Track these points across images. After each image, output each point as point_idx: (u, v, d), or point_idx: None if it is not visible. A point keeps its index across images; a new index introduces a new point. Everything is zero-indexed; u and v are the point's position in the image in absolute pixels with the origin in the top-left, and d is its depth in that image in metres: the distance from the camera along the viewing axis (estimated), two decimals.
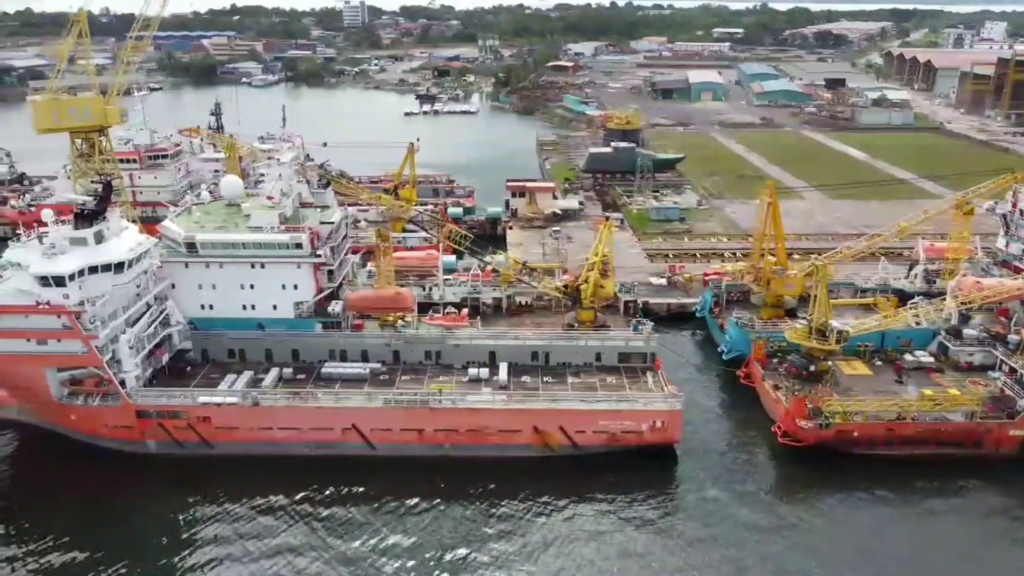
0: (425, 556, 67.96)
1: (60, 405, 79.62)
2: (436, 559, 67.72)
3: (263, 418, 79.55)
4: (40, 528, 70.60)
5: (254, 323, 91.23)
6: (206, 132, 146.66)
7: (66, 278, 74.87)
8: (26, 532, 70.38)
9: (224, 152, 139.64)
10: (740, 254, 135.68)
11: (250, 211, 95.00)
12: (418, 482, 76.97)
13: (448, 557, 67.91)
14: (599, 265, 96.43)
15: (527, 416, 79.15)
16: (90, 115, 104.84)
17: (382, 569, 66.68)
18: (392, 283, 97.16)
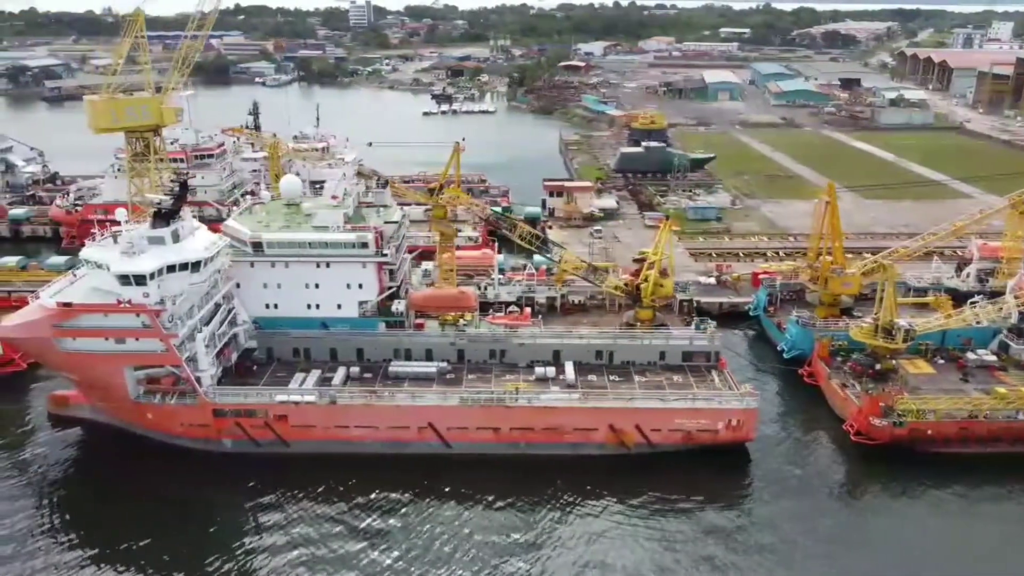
0: (500, 552, 68.24)
1: (137, 404, 79.86)
2: (510, 555, 67.95)
3: (340, 416, 79.80)
4: (117, 527, 70.85)
5: (318, 322, 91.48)
6: (248, 132, 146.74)
7: (147, 277, 75.19)
8: (103, 532, 70.63)
9: (267, 152, 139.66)
10: (783, 253, 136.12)
11: (313, 211, 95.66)
12: (493, 480, 77.31)
13: (522, 554, 68.18)
14: (659, 264, 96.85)
15: (603, 415, 79.47)
16: (147, 115, 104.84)
17: (457, 565, 66.88)
18: (453, 282, 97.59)
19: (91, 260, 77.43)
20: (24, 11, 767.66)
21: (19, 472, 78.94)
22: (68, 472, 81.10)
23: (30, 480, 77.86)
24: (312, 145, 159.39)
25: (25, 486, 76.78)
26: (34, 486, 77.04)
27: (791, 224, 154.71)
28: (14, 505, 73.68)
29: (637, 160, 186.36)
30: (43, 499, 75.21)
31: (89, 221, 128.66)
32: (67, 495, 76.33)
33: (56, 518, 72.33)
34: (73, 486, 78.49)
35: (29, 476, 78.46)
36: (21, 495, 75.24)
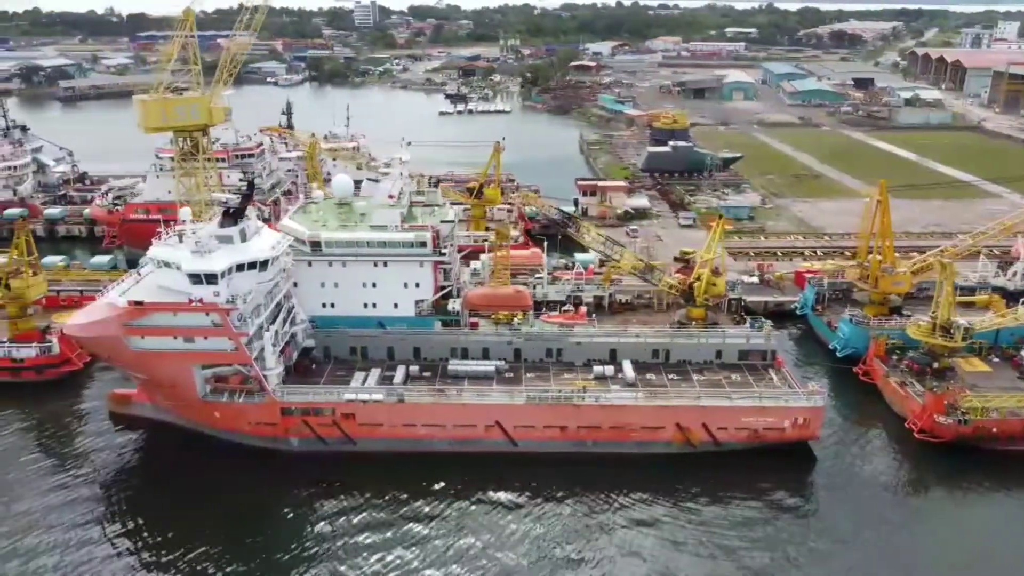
0: (565, 551, 68.35)
1: (204, 402, 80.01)
2: (575, 554, 68.03)
3: (407, 415, 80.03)
4: (182, 527, 70.73)
5: (374, 321, 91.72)
6: (287, 131, 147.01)
7: (218, 276, 75.43)
8: (167, 531, 70.40)
9: (306, 151, 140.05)
10: (820, 252, 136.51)
11: (367, 210, 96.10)
12: (560, 478, 77.43)
13: (588, 551, 68.24)
14: (711, 263, 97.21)
15: (671, 413, 79.71)
16: (196, 114, 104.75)
17: (524, 564, 67.06)
18: (507, 281, 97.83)
19: (160, 259, 77.59)
20: (28, 11, 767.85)
21: (81, 471, 78.92)
22: (131, 471, 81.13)
23: (92, 479, 77.78)
24: (343, 144, 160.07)
25: (87, 485, 76.65)
26: (96, 485, 76.98)
27: (823, 223, 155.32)
28: (76, 504, 73.56)
29: (665, 160, 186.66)
30: (106, 498, 75.19)
31: (131, 220, 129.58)
32: (130, 494, 76.28)
33: (119, 517, 72.24)
34: (136, 485, 78.43)
35: (91, 475, 78.40)
36: (83, 495, 75.13)
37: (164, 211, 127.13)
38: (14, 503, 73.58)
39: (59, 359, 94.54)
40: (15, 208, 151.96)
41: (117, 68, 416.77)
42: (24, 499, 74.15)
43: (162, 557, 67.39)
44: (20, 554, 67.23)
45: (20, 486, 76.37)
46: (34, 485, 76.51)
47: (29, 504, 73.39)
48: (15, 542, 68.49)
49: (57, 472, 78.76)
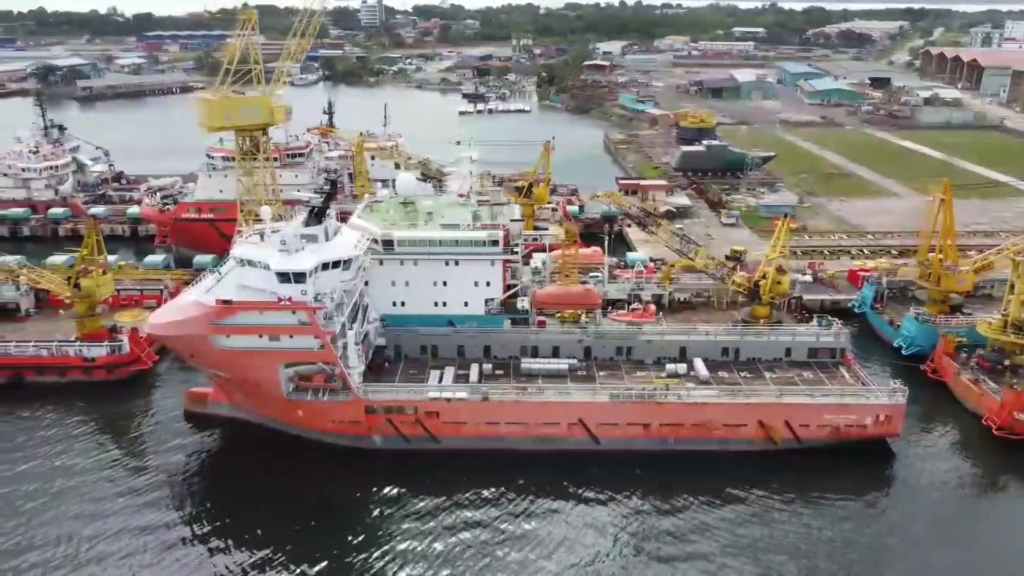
0: (651, 546, 68.76)
1: (288, 401, 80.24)
2: (660, 549, 68.48)
3: (491, 413, 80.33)
4: (263, 525, 70.99)
5: (444, 320, 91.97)
6: (335, 131, 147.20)
7: (307, 275, 75.67)
8: (248, 529, 70.64)
9: (354, 150, 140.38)
10: (867, 251, 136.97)
11: (433, 208, 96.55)
12: (642, 476, 77.93)
13: (673, 549, 68.54)
14: (777, 261, 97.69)
15: (754, 410, 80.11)
16: (258, 114, 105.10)
17: (606, 561, 67.27)
18: (575, 280, 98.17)
19: (246, 258, 77.75)
20: (32, 11, 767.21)
21: (159, 470, 79.12)
22: (209, 470, 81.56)
23: (171, 478, 77.98)
24: (382, 143, 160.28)
25: (166, 484, 76.86)
26: (175, 484, 77.25)
27: (862, 222, 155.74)
28: (155, 503, 73.65)
29: (699, 159, 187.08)
30: (185, 497, 75.47)
31: (182, 220, 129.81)
32: (210, 493, 76.68)
33: (200, 516, 72.37)
34: (216, 484, 78.86)
35: (169, 474, 78.59)
36: (163, 493, 75.33)
37: (216, 210, 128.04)
38: (93, 502, 73.69)
39: (129, 358, 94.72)
40: (58, 208, 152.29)
41: (131, 68, 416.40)
42: (104, 499, 74.24)
43: (243, 555, 67.51)
44: (101, 554, 67.32)
45: (99, 485, 76.50)
46: (112, 484, 76.64)
47: (110, 505, 73.39)
48: (95, 542, 68.53)
49: (135, 471, 78.93)
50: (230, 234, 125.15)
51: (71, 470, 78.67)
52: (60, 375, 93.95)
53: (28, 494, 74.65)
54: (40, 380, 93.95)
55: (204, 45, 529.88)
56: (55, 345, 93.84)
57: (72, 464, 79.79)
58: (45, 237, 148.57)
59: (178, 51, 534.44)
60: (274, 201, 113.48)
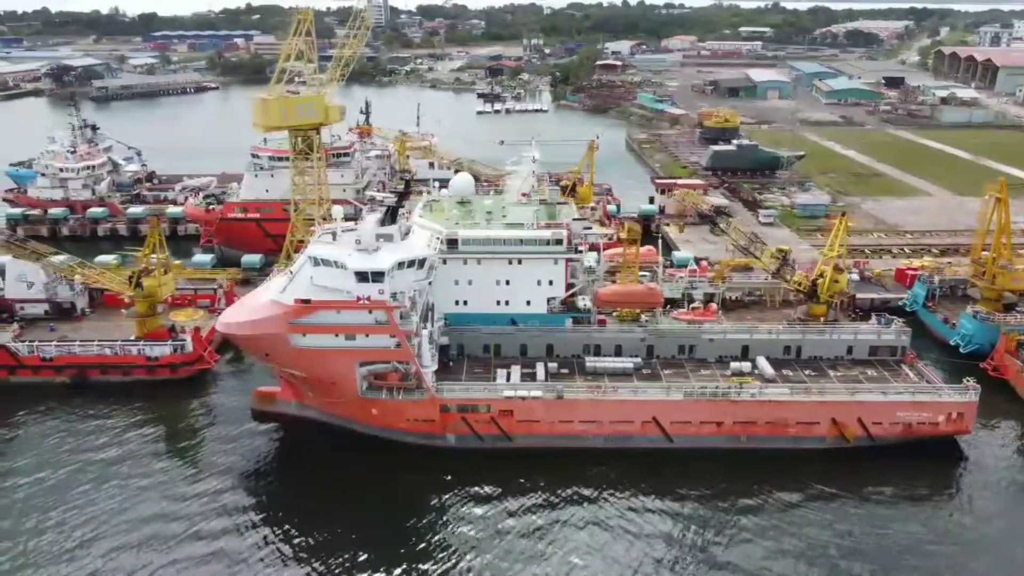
0: (725, 543, 69.12)
1: (363, 400, 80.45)
2: (733, 547, 68.80)
3: (565, 411, 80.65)
4: (336, 524, 71.18)
5: (506, 318, 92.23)
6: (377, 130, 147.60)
7: (385, 274, 75.92)
8: (320, 529, 70.66)
9: (396, 149, 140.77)
10: (908, 250, 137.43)
11: (493, 207, 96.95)
12: (715, 474, 78.22)
13: (745, 547, 68.87)
14: (834, 260, 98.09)
15: (827, 408, 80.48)
16: (313, 113, 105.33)
17: (681, 558, 67.68)
18: (636, 279, 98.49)
19: (322, 257, 77.85)
20: (36, 11, 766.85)
21: (228, 469, 79.43)
22: (279, 469, 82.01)
23: (240, 478, 78.32)
24: (416, 143, 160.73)
25: (235, 483, 77.16)
26: (245, 483, 77.65)
27: (898, 221, 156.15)
28: (227, 504, 73.82)
29: (730, 158, 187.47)
30: (255, 497, 75.81)
31: (228, 220, 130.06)
32: (280, 493, 76.85)
33: (270, 516, 72.56)
34: (286, 483, 79.04)
35: (239, 474, 78.94)
36: (233, 494, 75.48)
37: (262, 210, 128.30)
38: (164, 502, 74.03)
39: (192, 357, 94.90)
40: (97, 207, 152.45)
41: (144, 68, 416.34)
42: (178, 499, 74.50)
43: (317, 554, 67.64)
44: (175, 556, 67.55)
45: (172, 484, 76.89)
46: (186, 482, 77.02)
47: (183, 505, 73.62)
48: (168, 542, 68.82)
49: (206, 470, 79.25)
50: (276, 234, 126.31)
51: (143, 469, 79.14)
52: (124, 374, 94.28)
53: (103, 492, 75.16)
54: (104, 379, 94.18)
55: (212, 45, 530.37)
56: (119, 344, 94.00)
57: (143, 463, 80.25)
58: (84, 237, 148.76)
59: (186, 51, 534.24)
60: (324, 201, 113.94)
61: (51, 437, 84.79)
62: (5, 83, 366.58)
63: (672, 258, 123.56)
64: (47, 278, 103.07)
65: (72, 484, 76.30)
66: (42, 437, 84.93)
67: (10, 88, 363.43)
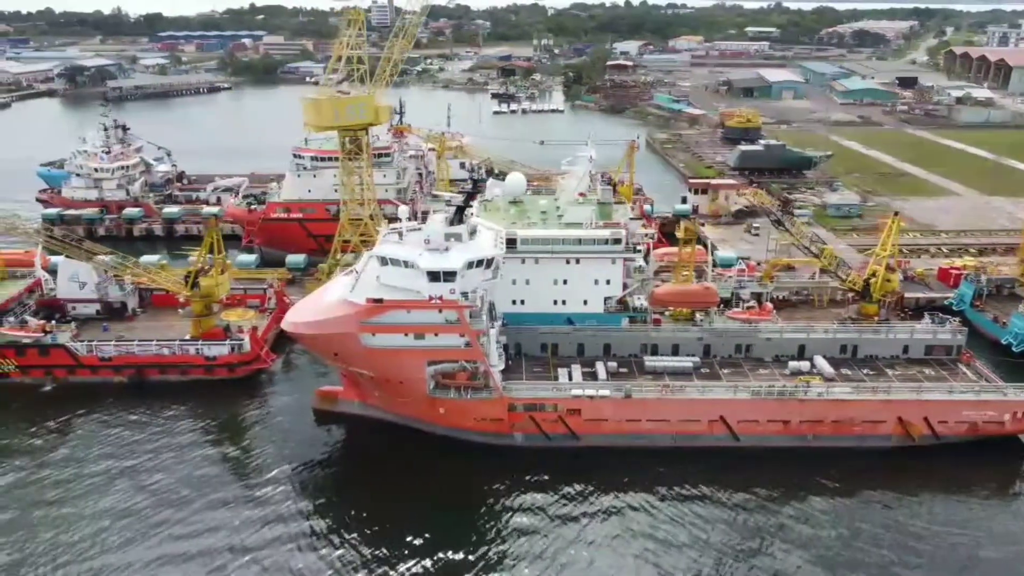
0: (796, 541, 69.57)
1: (431, 399, 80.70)
2: (804, 545, 69.16)
3: (633, 410, 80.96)
4: (405, 523, 71.38)
5: (563, 318, 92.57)
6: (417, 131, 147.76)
7: (456, 273, 76.20)
8: (388, 528, 71.13)
9: (436, 148, 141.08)
10: (944, 249, 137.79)
11: (548, 208, 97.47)
12: (782, 472, 78.61)
13: (816, 545, 69.18)
14: (887, 260, 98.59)
15: (894, 407, 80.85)
16: (364, 113, 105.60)
17: (750, 555, 68.08)
18: (691, 279, 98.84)
19: (391, 257, 78.16)
20: (40, 11, 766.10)
21: (292, 468, 79.65)
22: (343, 468, 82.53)
23: (305, 477, 78.70)
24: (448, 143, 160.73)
25: (301, 483, 77.54)
26: (310, 483, 78.07)
27: (930, 221, 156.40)
28: (293, 502, 74.20)
29: (757, 158, 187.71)
30: (320, 496, 75.93)
31: (270, 220, 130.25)
32: (345, 491, 77.30)
33: (335, 515, 72.78)
34: (351, 482, 79.50)
35: (303, 473, 79.30)
36: (299, 493, 75.82)
37: (305, 210, 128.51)
38: (230, 501, 74.39)
39: (250, 356, 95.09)
40: (132, 208, 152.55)
41: (156, 68, 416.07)
42: (243, 498, 74.89)
43: (382, 553, 67.91)
44: (236, 552, 67.94)
45: (235, 482, 77.39)
46: (250, 481, 77.46)
47: (247, 504, 73.95)
48: (235, 538, 69.28)
49: (269, 469, 79.41)
50: (318, 234, 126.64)
51: (207, 467, 79.68)
52: (182, 374, 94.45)
53: (169, 489, 75.65)
54: (162, 379, 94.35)
55: (220, 45, 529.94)
56: (177, 344, 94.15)
57: (206, 462, 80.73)
58: (120, 237, 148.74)
59: (194, 51, 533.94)
60: (369, 201, 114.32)
61: (111, 435, 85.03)
62: (19, 83, 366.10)
63: (715, 258, 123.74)
64: (98, 278, 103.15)
65: (139, 480, 76.81)
66: (103, 435, 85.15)
67: (24, 88, 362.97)
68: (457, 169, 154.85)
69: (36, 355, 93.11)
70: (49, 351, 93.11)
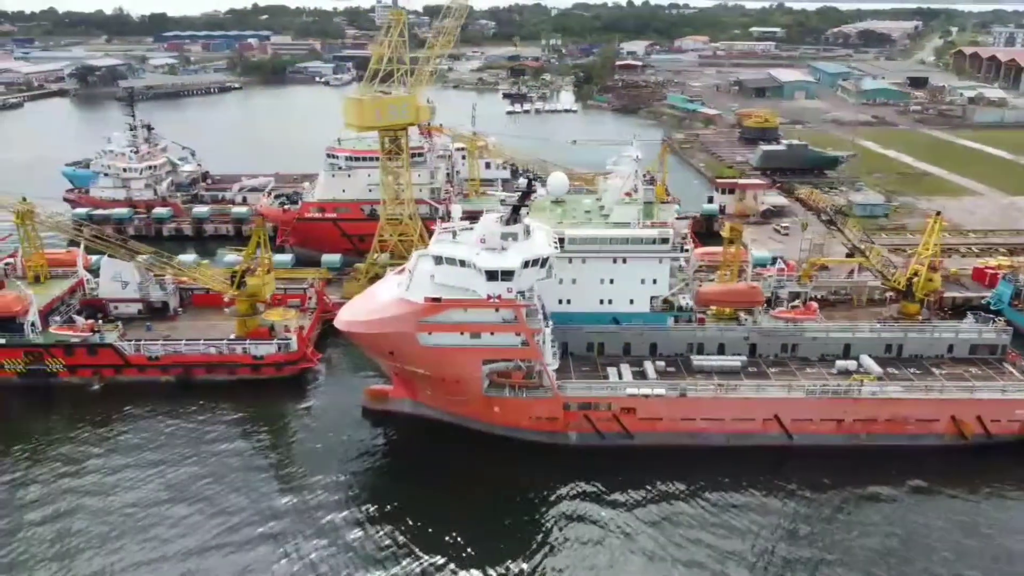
0: (850, 541, 69.73)
1: (486, 398, 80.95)
2: (860, 543, 69.29)
3: (687, 409, 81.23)
4: (468, 520, 71.70)
5: (608, 317, 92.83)
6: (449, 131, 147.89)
7: (515, 273, 76.48)
8: (451, 525, 71.02)
9: (468, 148, 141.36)
10: (976, 249, 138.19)
11: (591, 207, 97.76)
12: (836, 471, 78.77)
13: (870, 542, 69.41)
14: (928, 259, 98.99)
15: (947, 406, 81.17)
16: (405, 113, 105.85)
17: (804, 553, 68.32)
18: (736, 278, 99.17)
19: (448, 256, 78.45)
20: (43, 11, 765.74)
21: (343, 467, 79.83)
22: (396, 467, 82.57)
23: (356, 476, 78.92)
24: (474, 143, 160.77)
25: (352, 481, 77.77)
26: (362, 481, 78.32)
27: (959, 221, 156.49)
28: (345, 502, 74.27)
29: (780, 158, 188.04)
30: (372, 494, 76.01)
31: (305, 220, 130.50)
32: (397, 490, 76.78)
33: (388, 514, 72.76)
34: (403, 481, 79.14)
35: (353, 471, 79.49)
36: (350, 491, 76.03)
37: (339, 210, 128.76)
38: (282, 497, 74.72)
39: (297, 356, 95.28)
40: (161, 207, 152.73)
41: (166, 68, 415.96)
42: (294, 495, 75.08)
43: (436, 553, 67.94)
44: (288, 547, 68.30)
45: (287, 480, 77.56)
46: (301, 479, 77.41)
47: (298, 502, 74.01)
48: (285, 539, 69.30)
49: (320, 466, 79.47)
50: (353, 233, 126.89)
51: (258, 465, 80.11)
52: (229, 373, 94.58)
53: (224, 486, 76.03)
54: (209, 378, 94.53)
55: (226, 45, 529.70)
56: (224, 343, 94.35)
57: (257, 460, 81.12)
58: (149, 237, 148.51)
59: (200, 51, 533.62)
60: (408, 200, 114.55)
61: (161, 435, 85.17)
62: (30, 83, 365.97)
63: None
64: (140, 277, 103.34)
65: (191, 479, 77.18)
66: (153, 434, 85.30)
67: (35, 88, 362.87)
68: (483, 169, 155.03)
69: (84, 354, 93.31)
70: (97, 350, 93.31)
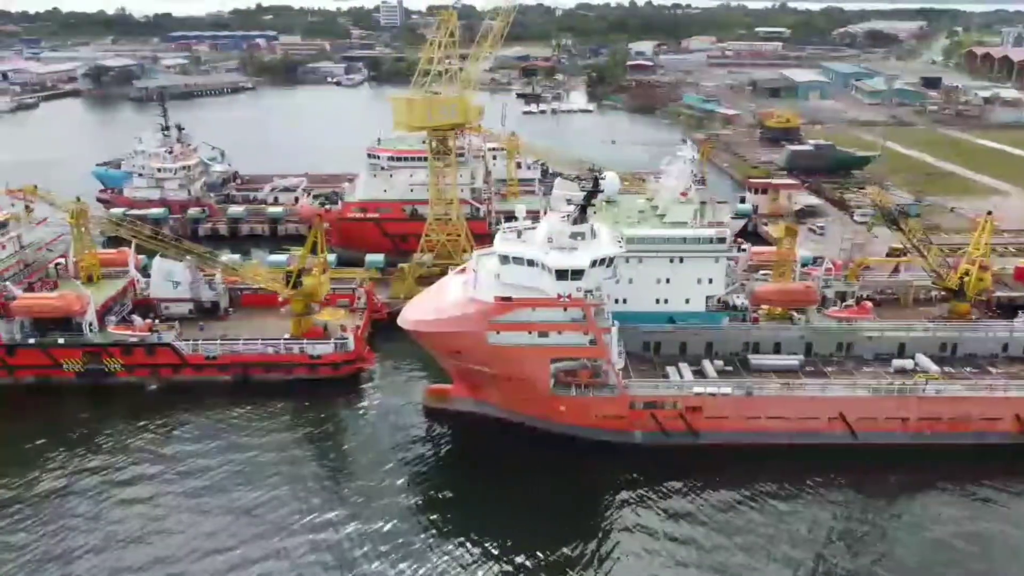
0: (917, 539, 70.33)
1: (553, 397, 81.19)
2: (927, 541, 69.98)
3: (753, 408, 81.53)
4: (530, 517, 72.35)
5: (664, 317, 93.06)
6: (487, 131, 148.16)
7: (584, 272, 76.72)
8: (510, 523, 71.76)
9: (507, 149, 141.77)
10: (1013, 248, 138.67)
11: (644, 207, 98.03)
12: (899, 469, 79.18)
13: (931, 539, 70.10)
14: (979, 259, 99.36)
15: (1012, 404, 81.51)
16: (455, 113, 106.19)
17: (871, 551, 68.71)
18: (790, 277, 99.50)
19: (516, 256, 78.57)
20: (48, 11, 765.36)
21: (406, 465, 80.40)
22: (460, 465, 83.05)
23: (420, 474, 79.46)
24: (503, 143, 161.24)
25: (417, 479, 78.42)
26: (426, 479, 78.86)
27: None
28: (408, 499, 75.02)
29: (807, 158, 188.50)
30: (437, 492, 76.72)
31: (346, 219, 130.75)
32: (462, 489, 77.43)
33: (453, 512, 73.50)
34: (468, 479, 79.72)
35: (417, 470, 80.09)
36: (414, 489, 76.71)
37: (381, 210, 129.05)
38: (346, 496, 75.16)
39: (353, 355, 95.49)
40: (195, 207, 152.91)
41: (178, 68, 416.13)
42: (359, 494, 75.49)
43: (502, 551, 68.46)
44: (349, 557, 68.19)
45: (350, 479, 78.18)
46: (365, 478, 77.99)
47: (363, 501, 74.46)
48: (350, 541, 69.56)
49: (384, 464, 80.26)
50: (394, 233, 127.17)
51: (320, 464, 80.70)
52: (286, 372, 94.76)
53: (281, 487, 76.32)
54: (265, 378, 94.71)
55: (234, 46, 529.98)
56: (282, 343, 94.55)
57: (320, 458, 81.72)
58: (185, 237, 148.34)
59: (207, 51, 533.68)
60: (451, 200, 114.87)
61: (221, 433, 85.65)
62: (43, 84, 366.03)
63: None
64: (191, 277, 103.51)
65: (251, 478, 77.61)
66: (214, 433, 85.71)
67: (48, 89, 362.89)
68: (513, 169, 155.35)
69: (143, 354, 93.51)
70: (155, 350, 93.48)
